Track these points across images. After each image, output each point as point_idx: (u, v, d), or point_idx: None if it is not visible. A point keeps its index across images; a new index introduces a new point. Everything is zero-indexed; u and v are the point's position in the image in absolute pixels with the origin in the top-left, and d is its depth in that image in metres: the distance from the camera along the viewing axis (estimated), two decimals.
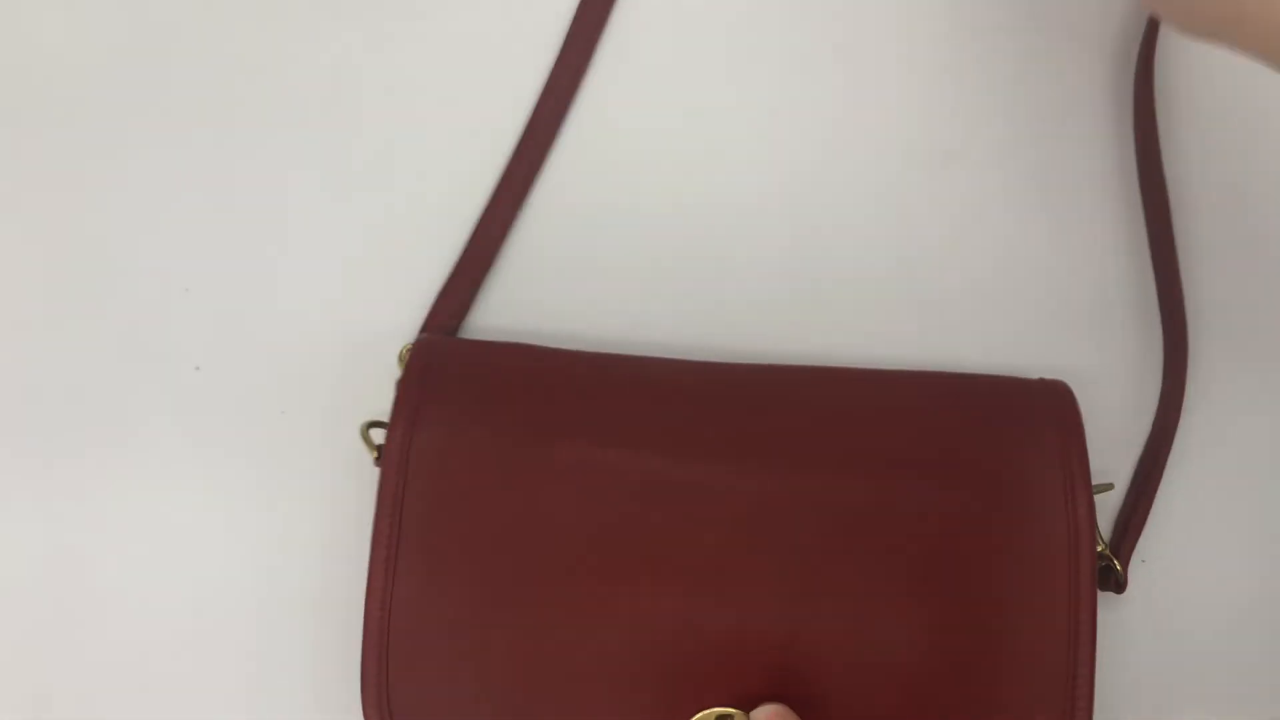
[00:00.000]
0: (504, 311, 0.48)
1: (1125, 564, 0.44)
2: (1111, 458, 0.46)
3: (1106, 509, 0.46)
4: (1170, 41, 0.49)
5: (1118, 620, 0.46)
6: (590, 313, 0.48)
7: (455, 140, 0.49)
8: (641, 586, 0.40)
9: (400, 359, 0.44)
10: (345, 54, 0.49)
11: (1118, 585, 0.43)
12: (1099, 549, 0.41)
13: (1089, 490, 0.41)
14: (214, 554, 0.47)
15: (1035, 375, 0.44)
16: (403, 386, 0.43)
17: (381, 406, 0.43)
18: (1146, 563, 0.47)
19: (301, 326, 0.48)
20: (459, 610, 0.41)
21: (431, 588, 0.41)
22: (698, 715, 0.40)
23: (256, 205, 0.48)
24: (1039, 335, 0.48)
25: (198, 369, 0.48)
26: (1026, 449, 0.41)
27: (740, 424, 0.42)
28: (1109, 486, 0.43)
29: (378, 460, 0.42)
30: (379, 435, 0.43)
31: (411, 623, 0.41)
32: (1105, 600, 0.46)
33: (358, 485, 0.42)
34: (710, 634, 0.40)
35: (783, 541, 0.40)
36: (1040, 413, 0.42)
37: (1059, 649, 0.40)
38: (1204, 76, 0.49)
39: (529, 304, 0.48)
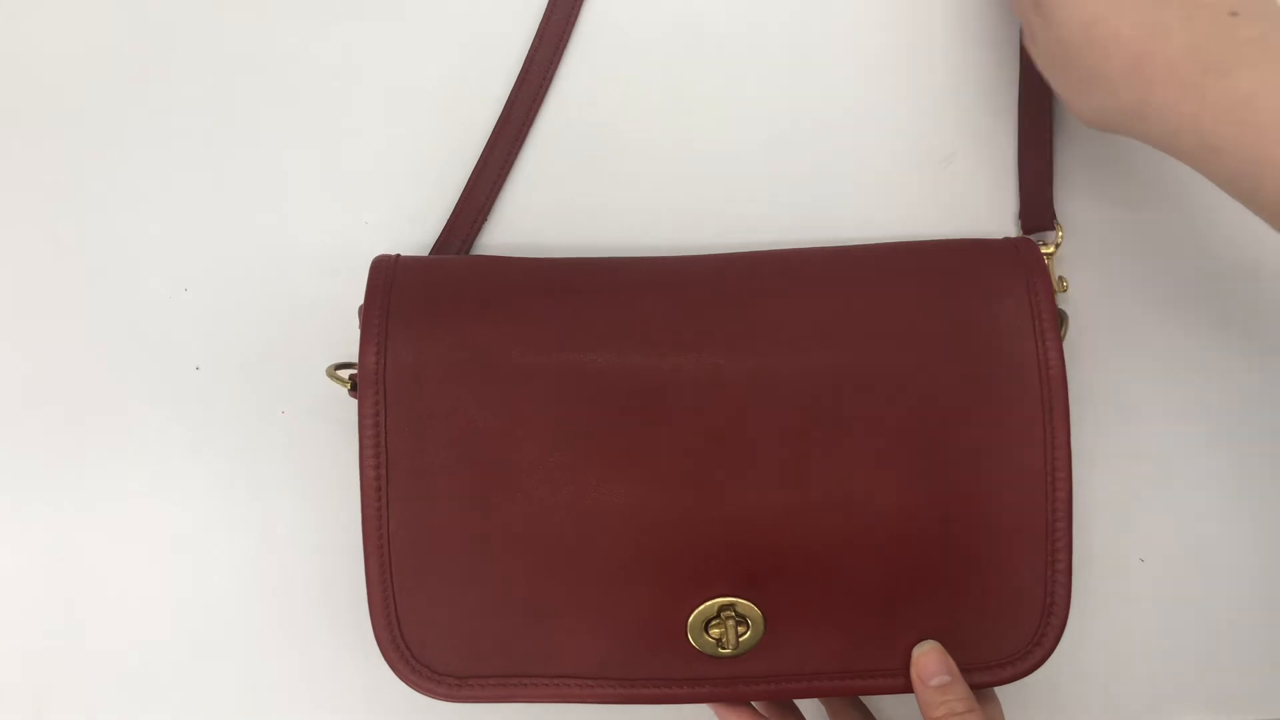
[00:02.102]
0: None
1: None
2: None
3: None
4: None
5: (1118, 620, 0.47)
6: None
7: (447, 125, 0.49)
8: (636, 480, 0.41)
9: (359, 314, 0.43)
10: (343, 46, 0.49)
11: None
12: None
13: (1057, 333, 0.41)
14: (214, 553, 0.47)
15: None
16: (366, 310, 0.42)
17: None
18: (1146, 562, 0.47)
19: (302, 326, 0.48)
20: (454, 519, 0.41)
21: (424, 502, 0.41)
22: (700, 606, 0.40)
23: (256, 205, 0.48)
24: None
25: (198, 369, 0.48)
26: (994, 305, 0.41)
27: (716, 313, 0.42)
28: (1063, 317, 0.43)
29: (352, 390, 0.42)
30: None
31: (409, 538, 0.41)
32: (1104, 601, 0.46)
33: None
34: (708, 520, 0.40)
35: (771, 425, 0.41)
36: (1004, 268, 0.42)
37: (1037, 491, 0.41)
38: None
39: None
